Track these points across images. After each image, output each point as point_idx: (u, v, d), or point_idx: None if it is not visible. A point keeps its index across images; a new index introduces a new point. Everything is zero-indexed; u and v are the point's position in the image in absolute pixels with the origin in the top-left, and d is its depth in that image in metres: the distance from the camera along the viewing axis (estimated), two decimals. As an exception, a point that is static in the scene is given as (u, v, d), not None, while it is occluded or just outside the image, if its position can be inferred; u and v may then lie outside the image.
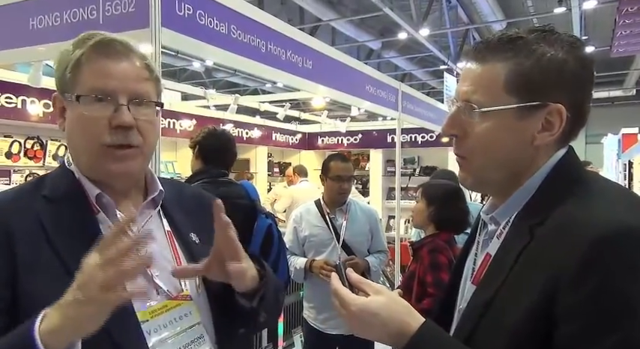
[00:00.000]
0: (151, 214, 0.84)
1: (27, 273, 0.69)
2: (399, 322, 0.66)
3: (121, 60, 0.76)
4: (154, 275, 0.79)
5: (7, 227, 0.71)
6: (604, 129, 12.30)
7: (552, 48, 0.66)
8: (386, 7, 6.73)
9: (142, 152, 0.79)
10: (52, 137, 3.76)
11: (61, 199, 0.77)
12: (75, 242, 0.70)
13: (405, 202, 5.67)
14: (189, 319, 0.81)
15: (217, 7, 1.90)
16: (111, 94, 0.75)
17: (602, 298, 0.55)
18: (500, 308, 0.63)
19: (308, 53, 2.55)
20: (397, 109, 3.92)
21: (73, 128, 0.78)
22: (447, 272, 1.82)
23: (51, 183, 0.80)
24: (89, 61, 0.75)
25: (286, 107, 5.95)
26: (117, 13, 1.67)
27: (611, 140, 9.39)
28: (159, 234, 0.83)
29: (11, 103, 3.29)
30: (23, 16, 1.90)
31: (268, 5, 7.40)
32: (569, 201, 0.64)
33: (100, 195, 0.78)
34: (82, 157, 0.79)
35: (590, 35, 9.54)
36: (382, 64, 11.32)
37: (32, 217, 0.73)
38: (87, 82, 0.75)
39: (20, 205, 0.75)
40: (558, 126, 0.67)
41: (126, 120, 0.75)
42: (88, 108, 0.75)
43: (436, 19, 8.11)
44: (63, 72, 0.78)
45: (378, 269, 2.56)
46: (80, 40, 0.78)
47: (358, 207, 2.59)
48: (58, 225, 0.73)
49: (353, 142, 6.64)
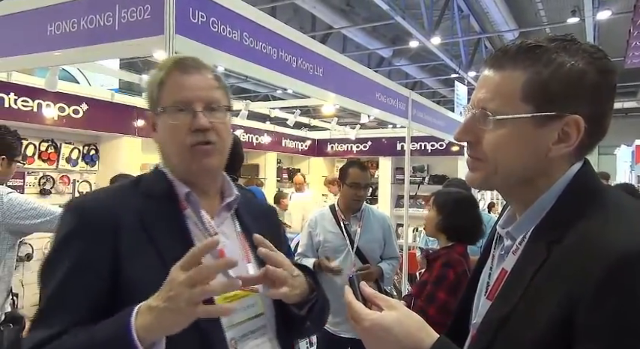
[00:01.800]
0: (227, 215, 0.97)
1: (128, 260, 0.81)
2: (412, 338, 0.66)
3: (194, 74, 0.90)
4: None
5: (115, 219, 0.83)
6: (617, 140, 12.14)
7: (573, 58, 0.65)
8: (397, 15, 6.75)
9: (217, 149, 0.91)
10: (65, 140, 3.82)
11: (157, 196, 0.90)
12: (167, 233, 0.85)
13: (414, 210, 5.64)
14: (255, 309, 0.92)
15: (230, 14, 1.93)
16: (188, 104, 0.88)
17: (622, 319, 0.54)
18: (517, 324, 0.62)
19: (319, 60, 2.57)
20: (407, 117, 3.92)
21: (163, 136, 0.92)
22: (446, 291, 1.80)
23: (147, 183, 0.93)
24: (169, 79, 0.90)
25: (296, 113, 5.98)
26: (132, 20, 1.70)
27: (625, 151, 9.27)
28: (232, 235, 0.96)
29: (27, 106, 3.36)
30: (41, 21, 1.94)
31: (281, 13, 7.47)
32: (587, 217, 0.62)
33: (188, 193, 0.91)
34: (172, 159, 0.92)
35: (603, 46, 9.40)
36: (393, 71, 11.33)
37: (133, 211, 0.86)
38: (169, 96, 0.89)
39: (124, 201, 0.88)
40: (575, 138, 0.65)
41: (202, 123, 0.87)
42: (172, 117, 0.88)
43: (448, 28, 8.12)
44: (151, 92, 0.92)
45: (390, 275, 2.57)
46: (163, 63, 0.94)
47: (372, 213, 2.60)
48: (153, 219, 0.86)
49: (362, 149, 6.63)
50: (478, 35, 8.96)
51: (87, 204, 0.88)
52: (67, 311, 0.77)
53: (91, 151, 4.00)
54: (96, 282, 0.79)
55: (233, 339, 0.87)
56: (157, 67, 0.93)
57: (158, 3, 1.63)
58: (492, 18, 8.35)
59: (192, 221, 0.90)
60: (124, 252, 0.81)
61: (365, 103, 3.24)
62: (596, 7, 7.00)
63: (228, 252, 0.91)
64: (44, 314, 0.79)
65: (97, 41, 1.80)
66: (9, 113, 3.24)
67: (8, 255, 1.98)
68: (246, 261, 0.95)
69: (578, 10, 7.20)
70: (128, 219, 0.84)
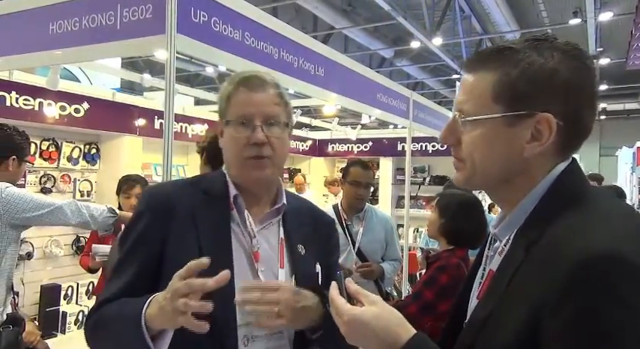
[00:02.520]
0: (272, 221, 1.04)
1: (174, 242, 0.94)
2: (390, 333, 0.68)
3: (257, 91, 0.99)
4: (259, 270, 0.97)
5: (172, 207, 0.96)
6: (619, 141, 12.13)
7: (542, 57, 0.65)
8: (399, 16, 6.75)
9: (272, 162, 0.99)
10: (66, 139, 3.82)
11: (212, 194, 1.00)
12: (210, 225, 0.96)
13: (415, 211, 5.64)
14: None
15: (232, 14, 1.93)
16: (249, 118, 0.97)
17: (581, 324, 0.53)
18: (494, 326, 0.63)
19: (320, 61, 2.57)
20: (408, 118, 3.92)
21: (225, 145, 1.02)
22: (434, 293, 1.79)
23: (208, 181, 1.04)
24: (235, 94, 1.00)
25: (297, 114, 5.97)
26: (134, 19, 1.70)
27: (626, 153, 9.26)
28: (274, 239, 1.03)
29: (29, 105, 3.36)
30: (43, 20, 1.94)
31: (282, 13, 7.48)
32: (564, 219, 0.62)
33: (236, 196, 1.00)
34: (231, 166, 1.02)
35: (605, 47, 9.44)
36: (394, 72, 11.33)
37: (190, 204, 0.97)
38: (234, 110, 0.99)
39: (183, 193, 1.00)
40: (547, 135, 0.65)
41: (259, 137, 0.96)
42: (234, 129, 0.98)
43: (449, 29, 8.11)
44: (221, 103, 1.02)
45: (391, 276, 2.56)
46: (232, 78, 1.03)
47: (375, 214, 2.59)
48: (203, 213, 0.97)
49: (363, 150, 6.63)
50: (480, 36, 8.95)
51: (153, 191, 1.06)
52: (126, 274, 0.93)
53: (92, 150, 4.00)
54: (148, 255, 0.94)
55: (246, 337, 0.92)
56: (227, 81, 1.03)
57: (160, 2, 1.64)
58: (494, 19, 8.34)
59: (235, 221, 0.99)
60: (172, 235, 0.94)
61: (366, 104, 3.24)
62: (598, 8, 7.00)
63: (263, 254, 0.99)
64: (113, 275, 0.96)
65: (98, 40, 1.80)
66: (10, 112, 3.24)
67: (10, 249, 1.98)
68: (280, 265, 1.00)
69: (580, 11, 7.19)
70: (183, 208, 0.96)
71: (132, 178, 2.92)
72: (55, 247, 3.61)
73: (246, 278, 0.95)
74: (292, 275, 1.01)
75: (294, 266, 1.01)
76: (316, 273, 1.05)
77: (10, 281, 2.04)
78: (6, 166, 2.04)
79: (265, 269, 0.97)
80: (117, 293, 0.92)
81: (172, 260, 0.90)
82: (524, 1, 8.04)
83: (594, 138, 16.77)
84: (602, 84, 11.76)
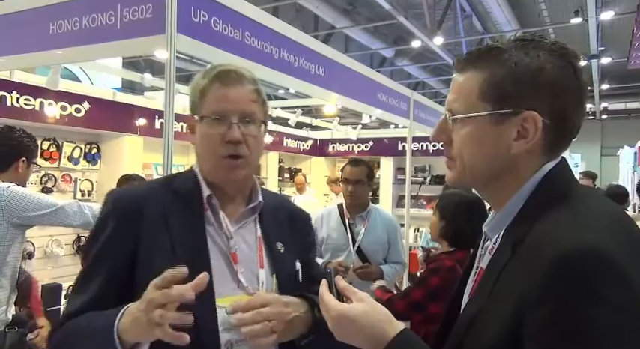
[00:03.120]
0: (248, 220, 1.00)
1: (146, 246, 0.89)
2: (376, 329, 0.69)
3: (234, 86, 0.94)
4: (239, 271, 0.94)
5: (140, 209, 0.91)
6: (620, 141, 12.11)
7: (528, 56, 0.67)
8: (400, 15, 6.75)
9: (247, 162, 0.95)
10: (67, 139, 3.82)
11: (184, 194, 0.96)
12: (183, 228, 0.91)
13: (415, 210, 5.63)
14: None
15: (232, 14, 1.93)
16: (225, 115, 0.92)
17: (558, 321, 0.54)
18: (481, 324, 0.64)
19: (320, 60, 2.57)
20: (409, 117, 3.92)
21: (199, 142, 0.96)
22: (423, 293, 1.78)
23: (180, 181, 0.99)
24: (211, 89, 0.94)
25: (298, 113, 5.97)
26: (134, 19, 1.70)
27: (627, 152, 9.24)
28: (251, 239, 0.99)
29: (29, 105, 3.36)
30: (44, 20, 1.95)
31: (283, 12, 7.48)
32: (549, 217, 0.63)
33: (209, 196, 0.95)
34: (204, 164, 0.97)
35: (607, 47, 9.43)
36: (395, 71, 11.33)
37: (160, 206, 0.93)
38: (209, 106, 0.94)
39: (152, 195, 0.95)
40: (533, 133, 0.67)
41: (235, 135, 0.92)
42: (208, 126, 0.93)
43: (450, 28, 8.10)
44: (194, 97, 0.97)
45: (391, 278, 2.53)
46: (207, 70, 0.97)
47: (379, 215, 2.57)
48: (176, 215, 0.92)
49: (364, 149, 6.62)
50: (481, 35, 8.94)
51: (118, 195, 0.98)
52: (92, 286, 0.88)
53: (93, 150, 4.00)
54: (117, 263, 0.88)
55: (229, 342, 0.88)
56: (201, 74, 0.97)
57: (160, 2, 1.64)
58: (495, 18, 8.34)
59: (210, 222, 0.95)
60: (143, 238, 0.89)
61: (367, 103, 3.24)
62: (600, 7, 6.99)
63: (241, 255, 0.95)
64: (77, 287, 0.91)
65: (99, 40, 1.80)
66: (11, 111, 3.24)
67: (13, 248, 1.98)
68: (259, 266, 0.97)
69: (581, 11, 7.18)
70: (153, 210, 0.92)
71: (131, 177, 2.92)
72: (56, 247, 3.62)
73: (225, 281, 0.91)
74: (273, 275, 0.97)
75: (274, 266, 0.98)
76: (296, 271, 1.03)
77: (15, 280, 2.04)
78: (16, 168, 2.06)
79: (245, 270, 0.94)
80: (83, 306, 0.86)
81: (146, 266, 0.85)
82: (525, 0, 8.03)
83: (595, 138, 16.75)
84: (604, 83, 11.74)
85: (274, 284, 0.97)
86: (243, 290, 0.92)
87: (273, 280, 0.97)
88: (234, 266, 0.93)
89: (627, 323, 0.52)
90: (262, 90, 0.99)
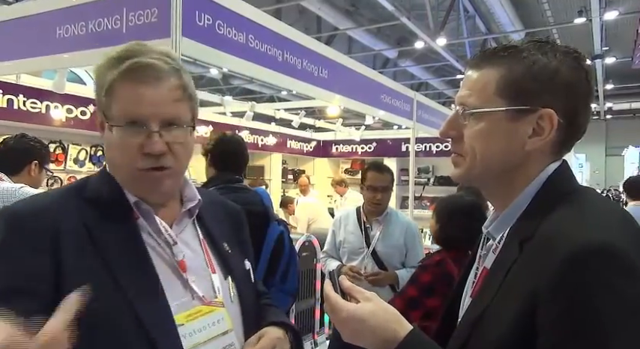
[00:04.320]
0: (186, 223, 0.87)
1: (72, 275, 0.69)
2: (386, 329, 0.68)
3: (152, 85, 0.75)
4: (190, 280, 0.81)
5: (54, 230, 0.71)
6: (625, 141, 12.06)
7: (545, 56, 0.68)
8: (403, 16, 6.76)
9: (174, 172, 0.80)
10: (73, 141, 3.86)
11: (105, 203, 0.78)
12: (118, 247, 0.74)
13: (419, 211, 5.63)
14: (222, 325, 0.83)
15: (236, 17, 1.95)
16: (142, 121, 0.75)
17: (572, 315, 0.55)
18: (489, 322, 0.64)
19: (323, 62, 2.59)
20: (412, 118, 3.92)
21: (109, 147, 0.79)
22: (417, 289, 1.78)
23: (93, 187, 0.80)
24: (122, 87, 0.75)
25: (301, 115, 5.99)
26: (140, 23, 1.72)
27: (632, 152, 9.20)
28: (194, 243, 0.86)
29: (36, 108, 3.40)
30: (51, 25, 1.97)
31: (286, 14, 7.50)
32: (556, 216, 0.64)
33: (137, 203, 0.80)
34: (119, 174, 0.81)
35: (611, 46, 9.39)
36: (398, 72, 11.33)
37: (77, 220, 0.74)
38: (120, 108, 0.75)
39: (65, 207, 0.75)
40: (549, 131, 0.68)
41: (155, 148, 0.75)
42: (121, 135, 0.76)
43: (453, 29, 8.10)
44: (100, 92, 0.78)
45: None
46: (113, 58, 0.77)
47: (397, 219, 2.52)
48: (102, 229, 0.75)
49: (367, 150, 6.63)
50: (484, 36, 8.93)
51: (19, 212, 0.73)
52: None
53: (98, 152, 4.03)
54: (31, 304, 0.62)
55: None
56: (106, 61, 0.77)
57: (165, 6, 1.65)
58: (498, 18, 8.33)
59: (145, 231, 0.80)
60: (67, 267, 0.69)
61: (370, 105, 3.25)
62: (603, 7, 6.96)
63: (189, 262, 0.82)
64: None
65: (105, 44, 1.82)
66: (18, 114, 3.28)
67: None
68: (211, 270, 0.85)
69: (585, 11, 7.16)
70: (71, 229, 0.72)
71: None
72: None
73: (177, 293, 0.78)
74: (227, 278, 0.87)
75: (226, 268, 0.87)
76: (248, 271, 0.94)
77: None
78: (28, 171, 2.11)
79: (196, 278, 0.82)
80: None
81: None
82: (528, 0, 8.01)
83: (600, 138, 16.65)
84: (608, 83, 11.69)
85: (232, 287, 0.87)
86: (199, 300, 0.81)
87: (229, 284, 0.87)
88: (184, 275, 0.80)
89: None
90: (189, 81, 0.81)
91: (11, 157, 2.08)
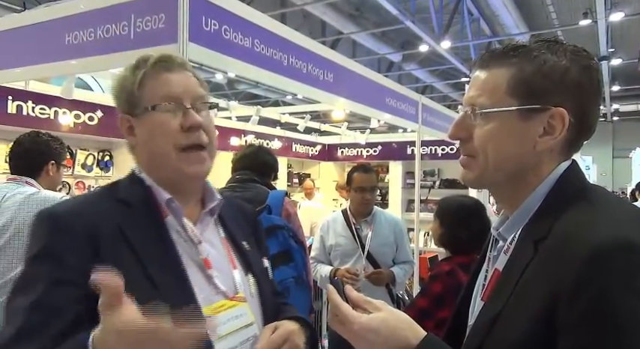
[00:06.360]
0: (209, 222, 0.93)
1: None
2: (399, 337, 0.67)
3: (179, 71, 0.87)
4: (214, 276, 0.87)
5: (93, 229, 0.78)
6: (632, 143, 11.97)
7: (555, 55, 0.68)
8: (407, 19, 6.77)
9: (209, 154, 0.88)
10: (81, 146, 3.90)
11: (136, 204, 0.85)
12: (149, 244, 0.81)
13: (425, 214, 5.61)
14: (245, 319, 0.89)
15: (241, 22, 1.96)
16: (177, 99, 0.84)
17: (597, 314, 0.54)
18: (506, 323, 0.63)
19: (329, 66, 2.60)
20: (417, 121, 3.92)
21: (148, 138, 0.86)
22: (428, 300, 1.75)
23: (125, 190, 0.88)
24: (153, 77, 0.85)
25: (306, 119, 6.01)
26: (147, 29, 1.74)
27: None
28: (216, 241, 0.93)
29: (44, 114, 3.44)
30: (60, 31, 2.00)
31: (291, 19, 7.55)
32: (571, 214, 0.63)
33: (169, 200, 0.86)
34: (159, 164, 0.86)
35: (617, 48, 9.35)
36: (403, 76, 11.34)
37: (112, 220, 0.80)
38: (155, 94, 0.84)
39: (100, 209, 0.82)
40: (560, 130, 0.67)
41: (197, 120, 0.83)
42: (159, 116, 0.83)
43: (457, 32, 8.10)
44: (129, 93, 0.86)
45: (402, 280, 2.54)
46: (139, 62, 0.87)
47: (384, 217, 2.59)
48: (134, 228, 0.81)
49: (372, 154, 6.63)
50: (489, 38, 8.92)
51: (61, 213, 0.80)
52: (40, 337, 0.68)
53: (106, 157, 4.07)
54: (73, 299, 0.70)
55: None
56: (131, 68, 0.87)
57: (172, 12, 1.67)
58: (503, 21, 8.32)
59: (174, 229, 0.86)
60: (104, 262, 0.71)
61: (375, 108, 3.25)
62: (609, 8, 6.94)
63: (213, 260, 0.88)
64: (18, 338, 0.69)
65: (113, 50, 1.84)
66: (27, 120, 3.32)
67: None
68: (232, 267, 0.92)
69: (590, 12, 7.14)
70: (107, 227, 0.78)
71: None
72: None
73: (202, 288, 0.84)
74: (247, 274, 0.93)
75: (246, 265, 0.94)
76: (266, 268, 1.00)
77: None
78: (46, 171, 2.07)
79: (219, 274, 0.88)
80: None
81: None
82: (533, 2, 8.00)
83: (607, 140, 16.53)
84: (614, 85, 11.62)
85: (252, 283, 0.94)
86: (222, 295, 0.87)
87: (249, 280, 0.94)
88: (208, 272, 0.87)
89: None
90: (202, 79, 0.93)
91: (29, 159, 2.04)
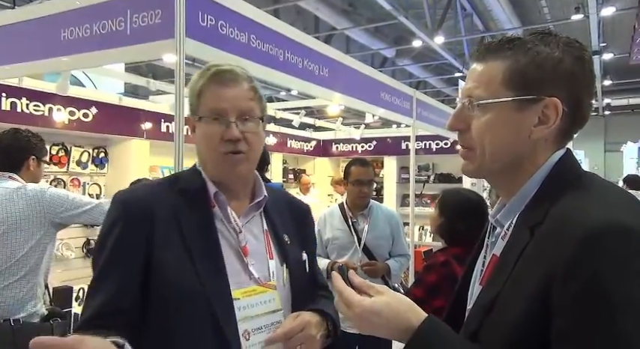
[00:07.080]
0: (254, 215, 1.04)
1: (160, 247, 0.90)
2: (401, 319, 0.70)
3: (231, 86, 0.97)
4: (250, 264, 0.97)
5: (151, 212, 0.92)
6: (623, 137, 12.09)
7: (548, 47, 0.70)
8: (400, 15, 6.78)
9: (247, 157, 0.98)
10: (75, 143, 3.87)
11: (191, 193, 0.98)
12: (194, 226, 0.94)
13: (420, 209, 5.65)
14: (272, 305, 0.98)
15: (238, 17, 1.97)
16: (223, 114, 0.95)
17: (590, 295, 0.56)
18: (503, 306, 0.65)
19: (324, 61, 2.61)
20: (411, 116, 3.95)
21: (199, 141, 0.99)
22: (423, 289, 1.77)
23: (185, 180, 1.01)
24: (208, 89, 0.97)
25: (301, 114, 6.01)
26: (144, 25, 1.75)
27: (631, 148, 9.23)
28: (258, 232, 1.03)
29: (39, 111, 3.42)
30: (55, 27, 1.99)
31: (284, 15, 7.52)
32: (567, 199, 0.66)
33: (216, 193, 0.98)
34: (207, 162, 1.00)
35: (608, 42, 9.42)
36: (397, 71, 11.34)
37: (169, 206, 0.94)
38: (207, 105, 0.97)
39: (161, 195, 0.96)
40: (554, 119, 0.70)
41: (234, 134, 0.95)
42: (207, 126, 0.96)
43: (451, 27, 8.12)
44: (191, 98, 0.99)
45: (398, 272, 2.57)
46: (203, 71, 1.00)
47: (380, 210, 2.62)
48: (186, 214, 0.94)
49: (367, 149, 6.65)
50: (482, 33, 8.95)
51: (126, 197, 0.97)
52: (107, 288, 0.89)
53: (101, 154, 4.05)
54: (131, 264, 0.89)
55: (246, 331, 0.92)
56: (198, 75, 0.99)
57: (168, 7, 1.68)
58: (496, 16, 8.35)
59: (219, 218, 0.98)
60: (156, 240, 0.91)
61: (370, 103, 3.27)
62: (601, 3, 6.99)
63: (251, 248, 0.99)
64: (93, 290, 0.91)
65: (109, 46, 1.84)
66: (21, 117, 3.29)
67: (48, 248, 2.06)
68: (269, 257, 1.01)
69: (582, 7, 7.18)
70: (163, 211, 0.93)
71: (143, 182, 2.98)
72: (66, 250, 3.67)
73: (237, 274, 0.95)
74: (282, 265, 1.02)
75: (283, 256, 1.03)
76: (303, 261, 1.07)
77: (47, 277, 2.12)
78: (27, 166, 2.14)
79: (255, 262, 0.98)
80: (101, 308, 0.87)
81: (161, 266, 0.89)
82: (525, -3, 8.04)
83: (599, 134, 16.68)
84: (606, 79, 11.72)
85: (285, 273, 1.02)
86: (255, 281, 0.97)
87: (283, 270, 1.01)
88: (245, 259, 0.97)
89: None
90: (258, 87, 1.02)
91: (9, 154, 2.10)
